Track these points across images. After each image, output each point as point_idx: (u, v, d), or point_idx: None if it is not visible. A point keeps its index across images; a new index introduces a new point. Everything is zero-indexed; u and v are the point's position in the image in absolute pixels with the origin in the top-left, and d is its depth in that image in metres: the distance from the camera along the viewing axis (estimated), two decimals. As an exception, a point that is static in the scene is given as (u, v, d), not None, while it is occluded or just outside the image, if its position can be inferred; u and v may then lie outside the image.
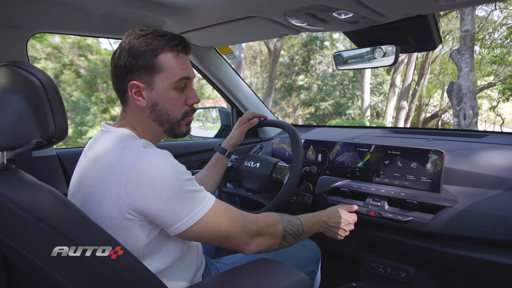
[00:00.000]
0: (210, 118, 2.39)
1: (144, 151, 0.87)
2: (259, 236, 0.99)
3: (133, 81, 0.95)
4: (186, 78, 0.99)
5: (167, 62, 0.96)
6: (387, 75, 13.67)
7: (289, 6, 1.07)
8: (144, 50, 0.93)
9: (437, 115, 13.73)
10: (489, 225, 1.15)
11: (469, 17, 6.10)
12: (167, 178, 0.83)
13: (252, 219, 0.99)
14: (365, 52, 1.32)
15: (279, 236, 1.05)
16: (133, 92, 0.96)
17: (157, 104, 0.98)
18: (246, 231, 0.96)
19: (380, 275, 1.50)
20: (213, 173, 1.49)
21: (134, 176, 0.82)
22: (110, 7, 1.19)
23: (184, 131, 1.07)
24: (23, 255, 0.70)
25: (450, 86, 6.31)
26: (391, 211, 1.33)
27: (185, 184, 0.86)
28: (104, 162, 0.89)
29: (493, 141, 1.44)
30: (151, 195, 0.82)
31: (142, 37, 0.94)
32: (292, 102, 15.43)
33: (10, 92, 0.78)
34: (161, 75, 0.96)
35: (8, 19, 1.21)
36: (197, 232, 0.87)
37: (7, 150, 0.77)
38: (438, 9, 0.99)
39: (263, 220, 1.02)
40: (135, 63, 0.94)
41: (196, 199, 0.87)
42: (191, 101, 1.04)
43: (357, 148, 1.50)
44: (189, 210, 0.85)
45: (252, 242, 0.98)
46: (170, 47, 0.96)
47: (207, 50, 1.77)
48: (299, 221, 1.13)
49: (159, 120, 1.00)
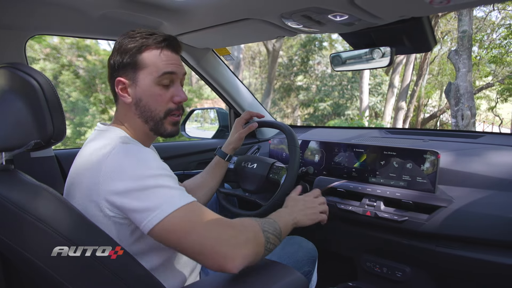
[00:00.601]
0: (208, 119, 2.40)
1: (122, 147, 0.88)
2: (242, 244, 0.84)
3: (119, 77, 0.98)
4: (170, 73, 0.99)
5: (150, 58, 0.97)
6: (386, 76, 13.70)
7: (285, 8, 1.08)
8: (130, 47, 0.96)
9: (436, 115, 13.77)
10: (484, 225, 1.16)
11: (466, 18, 6.12)
12: (140, 173, 0.83)
13: (228, 224, 0.86)
14: (361, 54, 1.33)
15: (260, 238, 0.89)
16: (119, 89, 0.99)
17: (141, 100, 0.99)
18: (226, 238, 0.82)
19: (377, 274, 1.51)
20: (213, 176, 1.49)
21: (110, 171, 0.83)
22: (108, 9, 1.20)
23: (170, 130, 1.04)
24: (22, 255, 0.71)
25: (448, 87, 6.33)
26: (387, 211, 1.34)
27: (157, 178, 0.83)
28: (88, 160, 0.90)
29: (489, 141, 1.46)
30: (124, 190, 0.81)
31: (131, 37, 0.97)
32: (291, 103, 15.44)
33: (9, 94, 0.79)
34: (145, 71, 0.97)
35: (6, 21, 1.22)
36: (165, 231, 0.80)
37: (6, 151, 0.78)
38: (432, 11, 1.00)
39: (240, 224, 0.89)
40: (121, 61, 0.97)
41: (167, 194, 0.82)
42: (177, 98, 1.02)
43: (354, 149, 1.51)
44: (157, 206, 0.80)
45: (236, 252, 0.82)
46: (154, 44, 0.97)
47: (205, 51, 1.78)
48: (270, 219, 1.00)
49: (144, 117, 1.00)
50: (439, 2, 0.89)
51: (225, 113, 2.20)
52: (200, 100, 11.00)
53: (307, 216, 1.15)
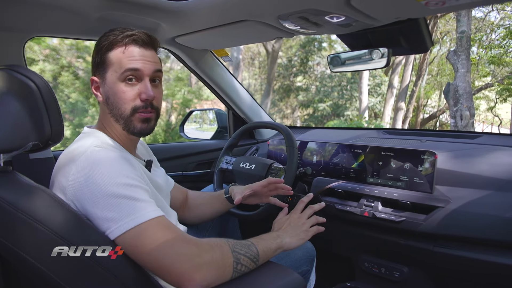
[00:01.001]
0: (207, 120, 2.40)
1: (92, 151, 0.87)
2: (204, 265, 0.81)
3: (93, 76, 1.01)
4: (133, 69, 0.96)
5: (116, 55, 0.96)
6: (385, 76, 13.71)
7: (282, 10, 1.09)
8: (101, 46, 0.97)
9: (435, 116, 13.78)
10: (481, 225, 1.17)
11: (465, 18, 6.13)
12: (103, 180, 0.82)
13: (193, 241, 0.85)
14: (358, 55, 1.33)
15: (228, 258, 0.86)
16: (93, 88, 1.02)
17: (109, 98, 0.99)
18: (186, 255, 0.80)
19: (375, 275, 1.51)
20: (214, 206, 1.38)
21: (77, 175, 0.84)
22: (105, 11, 1.20)
23: (139, 128, 0.99)
24: (19, 256, 0.71)
25: (446, 87, 6.35)
26: (384, 212, 1.35)
27: (121, 188, 0.82)
28: (60, 163, 0.91)
29: (486, 142, 1.46)
30: (88, 196, 0.82)
31: (105, 35, 0.98)
32: (291, 103, 15.45)
33: (7, 95, 0.80)
34: (111, 69, 0.97)
35: (5, 23, 1.23)
36: (126, 244, 0.80)
37: (4, 153, 0.79)
38: (428, 13, 1.00)
39: (207, 242, 0.86)
40: (95, 60, 0.99)
41: (130, 207, 0.81)
42: (143, 96, 0.97)
43: (352, 149, 1.52)
44: (120, 218, 0.80)
45: (195, 271, 0.79)
46: (120, 40, 0.96)
47: (203, 52, 1.79)
48: (248, 241, 0.96)
49: (114, 116, 0.99)
50: (434, 4, 0.90)
51: (223, 114, 2.20)
52: (199, 101, 11.00)
53: (295, 237, 1.10)
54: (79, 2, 1.14)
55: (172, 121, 10.34)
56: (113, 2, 1.15)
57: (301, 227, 1.14)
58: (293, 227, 1.13)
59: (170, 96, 10.19)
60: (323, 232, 1.20)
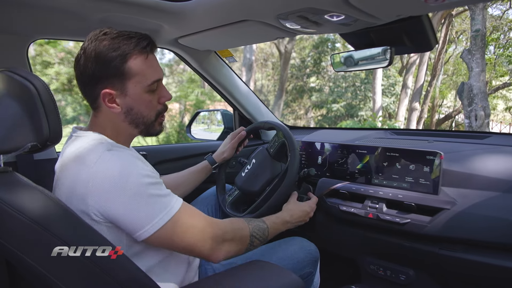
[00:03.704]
0: (214, 120, 2.41)
1: (107, 155, 0.87)
2: (227, 242, 0.97)
3: (105, 89, 0.93)
4: (158, 80, 0.99)
5: (137, 66, 0.93)
6: (399, 76, 13.54)
7: (281, 9, 1.08)
8: (112, 56, 0.90)
9: (451, 116, 13.54)
10: (488, 228, 1.14)
11: (479, 17, 6.00)
12: (129, 183, 0.84)
13: (218, 225, 0.97)
14: (362, 54, 1.32)
15: (246, 241, 1.04)
16: (106, 101, 0.94)
17: (132, 108, 0.97)
18: (212, 237, 0.93)
19: (380, 277, 1.49)
20: (195, 179, 1.53)
21: (99, 181, 0.83)
22: (108, 13, 1.21)
23: (158, 130, 1.05)
24: (18, 257, 0.72)
25: (461, 87, 6.22)
26: (389, 213, 1.33)
27: (148, 188, 0.86)
28: (70, 169, 0.90)
29: (495, 142, 1.42)
30: (114, 201, 0.83)
31: (107, 41, 0.91)
32: (304, 104, 15.40)
33: (6, 97, 0.81)
34: (133, 80, 0.94)
35: (8, 26, 1.25)
36: (161, 238, 0.86)
37: (3, 154, 0.80)
38: (428, 10, 0.98)
39: (230, 226, 1.00)
40: (104, 71, 0.91)
41: (159, 204, 0.86)
42: (164, 99, 1.02)
43: (357, 150, 1.50)
44: (152, 217, 0.84)
45: (220, 248, 0.96)
46: (139, 50, 0.93)
47: (207, 53, 1.79)
48: (265, 224, 1.13)
49: (135, 123, 1.00)
50: (434, 0, 0.88)
51: (230, 115, 2.20)
52: (212, 102, 11.06)
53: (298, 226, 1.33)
54: (82, 4, 1.15)
55: (185, 123, 10.43)
56: (115, 4, 1.16)
57: (306, 217, 1.36)
58: (303, 217, 1.34)
59: (183, 98, 10.28)
60: (327, 233, 1.25)
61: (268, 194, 1.39)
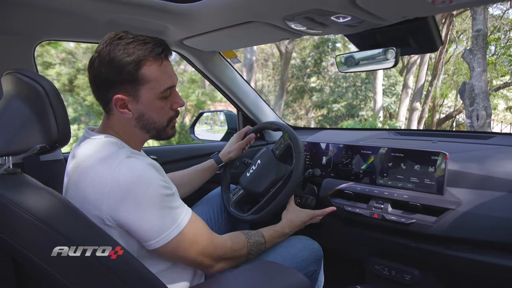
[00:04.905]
0: (218, 121, 2.41)
1: (127, 162, 0.87)
2: (224, 261, 1.03)
3: (118, 95, 0.92)
4: (172, 87, 0.98)
5: (151, 72, 0.93)
6: (400, 76, 13.53)
7: (287, 11, 1.08)
8: (126, 62, 0.89)
9: (452, 116, 13.53)
10: (493, 228, 1.14)
11: (481, 16, 6.00)
12: (147, 193, 0.85)
13: (219, 245, 1.01)
14: (367, 55, 1.32)
15: (242, 259, 1.10)
16: (118, 106, 0.94)
17: (143, 114, 0.97)
18: (211, 256, 0.98)
19: (385, 277, 1.49)
20: (200, 177, 1.53)
21: (116, 188, 0.84)
22: (114, 14, 1.22)
23: (170, 134, 1.06)
24: (25, 255, 0.73)
25: (462, 87, 6.22)
26: (394, 214, 1.33)
27: (163, 200, 0.87)
28: (87, 172, 0.89)
29: (500, 142, 1.42)
30: (131, 209, 0.84)
31: (122, 46, 0.90)
32: (305, 104, 15.38)
33: (15, 99, 0.81)
34: (146, 87, 0.93)
35: (15, 28, 1.25)
36: (168, 250, 0.89)
37: (12, 155, 0.80)
38: (435, 11, 0.99)
39: (230, 247, 1.04)
40: (117, 77, 0.90)
41: (171, 216, 0.89)
42: (176, 105, 1.02)
43: (361, 151, 1.50)
44: (163, 229, 0.87)
45: (216, 265, 1.01)
46: (153, 56, 0.92)
47: (211, 54, 1.79)
48: (263, 239, 1.17)
49: (146, 128, 1.00)
50: (441, 2, 0.88)
51: (233, 116, 2.20)
52: (213, 103, 11.05)
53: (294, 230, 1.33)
54: (88, 6, 1.15)
55: (186, 123, 10.42)
56: (121, 5, 1.16)
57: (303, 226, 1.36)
58: (301, 227, 1.34)
59: (184, 98, 10.23)
60: (332, 234, 1.26)
61: (272, 196, 1.39)
